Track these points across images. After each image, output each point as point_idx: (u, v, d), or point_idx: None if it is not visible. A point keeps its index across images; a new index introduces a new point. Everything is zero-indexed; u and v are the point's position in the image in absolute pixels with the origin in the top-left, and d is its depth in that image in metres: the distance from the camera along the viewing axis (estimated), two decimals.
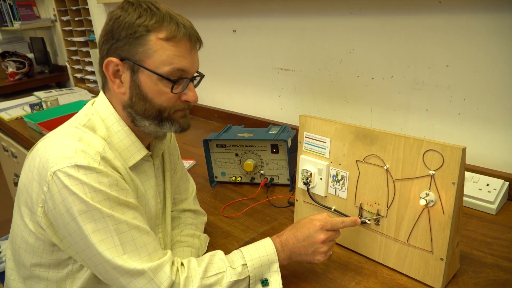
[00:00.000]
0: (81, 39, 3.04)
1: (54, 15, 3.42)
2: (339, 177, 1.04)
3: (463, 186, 0.87)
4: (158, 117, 0.86)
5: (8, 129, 2.44)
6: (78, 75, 3.31)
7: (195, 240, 1.07)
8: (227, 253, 0.90)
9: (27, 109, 2.60)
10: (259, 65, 1.88)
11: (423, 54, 1.30)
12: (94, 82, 3.16)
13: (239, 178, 1.44)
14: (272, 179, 1.41)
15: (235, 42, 1.96)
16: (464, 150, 0.82)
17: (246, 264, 0.86)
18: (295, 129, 1.39)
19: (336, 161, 1.04)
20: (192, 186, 1.20)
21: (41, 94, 2.91)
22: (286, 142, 1.33)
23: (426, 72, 1.31)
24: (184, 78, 0.85)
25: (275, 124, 1.61)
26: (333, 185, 1.06)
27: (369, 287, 0.92)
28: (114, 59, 0.82)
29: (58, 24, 3.24)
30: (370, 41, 1.42)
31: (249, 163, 1.39)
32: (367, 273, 0.97)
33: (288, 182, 1.40)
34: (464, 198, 1.16)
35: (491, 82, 1.18)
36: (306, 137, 1.09)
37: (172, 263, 0.82)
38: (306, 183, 1.09)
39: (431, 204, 0.87)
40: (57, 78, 3.78)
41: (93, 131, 0.85)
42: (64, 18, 3.15)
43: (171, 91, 0.84)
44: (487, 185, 1.18)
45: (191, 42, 0.84)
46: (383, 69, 1.42)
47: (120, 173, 0.82)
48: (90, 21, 2.87)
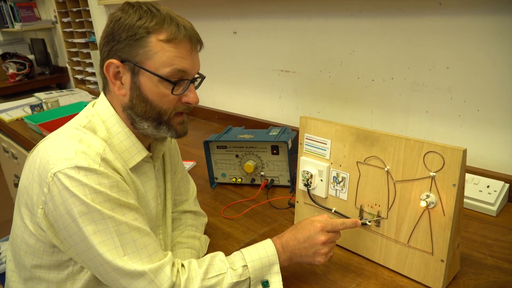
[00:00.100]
0: (82, 41, 3.04)
1: (55, 17, 3.43)
2: (340, 179, 1.04)
3: (464, 188, 0.87)
4: (157, 120, 0.86)
5: (9, 130, 2.44)
6: (79, 77, 3.32)
7: (196, 242, 1.07)
8: (228, 255, 0.89)
9: (28, 110, 2.60)
10: (260, 67, 1.88)
11: (424, 56, 1.30)
12: (95, 84, 3.16)
13: (240, 180, 1.44)
14: (273, 181, 1.41)
15: (236, 44, 1.96)
16: (465, 152, 0.82)
17: (247, 266, 0.86)
18: (296, 131, 1.39)
19: (337, 163, 1.04)
20: (193, 188, 1.20)
21: (42, 95, 2.91)
22: (287, 144, 1.33)
23: (427, 74, 1.31)
24: (185, 80, 0.85)
25: (276, 126, 1.61)
26: (334, 187, 1.06)
27: None
28: (115, 61, 0.82)
29: (59, 26, 3.25)
30: (371, 43, 1.42)
31: (250, 165, 1.39)
32: (368, 275, 0.97)
33: (289, 184, 1.40)
34: (465, 200, 1.16)
35: (492, 84, 1.19)
36: (307, 139, 1.09)
37: (173, 265, 0.82)
38: (307, 185, 1.09)
39: (432, 206, 0.87)
40: (58, 80, 3.79)
41: (94, 133, 0.85)
42: (65, 20, 3.16)
43: (172, 93, 0.84)
44: (488, 187, 1.18)
45: (192, 44, 0.84)
46: (384, 71, 1.42)
47: (121, 175, 0.82)
48: (91, 23, 2.87)
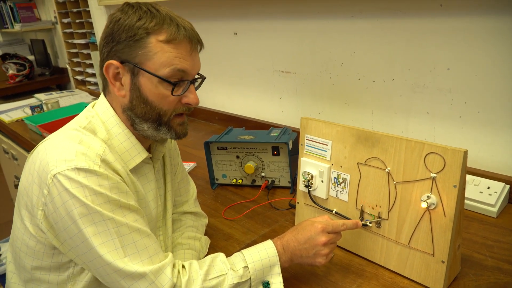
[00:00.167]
0: (82, 41, 3.04)
1: (55, 17, 3.43)
2: (340, 180, 1.04)
3: (464, 189, 0.87)
4: (157, 121, 0.86)
5: (9, 131, 2.44)
6: (79, 77, 3.32)
7: (196, 243, 1.07)
8: (228, 256, 0.89)
9: (28, 111, 2.60)
10: (260, 68, 1.88)
11: (424, 57, 1.30)
12: (95, 84, 3.16)
13: (240, 181, 1.44)
14: (273, 182, 1.41)
15: (236, 45, 1.96)
16: (466, 153, 0.82)
17: (248, 267, 0.86)
18: (296, 132, 1.39)
19: (337, 164, 1.04)
20: (193, 189, 1.20)
21: (42, 96, 2.91)
22: (287, 145, 1.33)
23: (427, 75, 1.31)
24: (185, 81, 0.85)
25: (276, 127, 1.61)
26: (334, 188, 1.06)
27: None
28: (114, 62, 0.82)
29: (59, 26, 3.25)
30: (371, 44, 1.42)
31: (250, 166, 1.39)
32: (368, 276, 0.96)
33: (289, 185, 1.40)
34: (465, 201, 1.16)
35: (492, 85, 1.19)
36: (307, 140, 1.09)
37: (174, 266, 0.82)
38: (307, 186, 1.09)
39: (433, 207, 0.87)
40: (58, 80, 3.79)
41: (94, 134, 0.84)
42: (65, 20, 3.16)
43: (172, 94, 0.84)
44: (488, 188, 1.18)
45: (192, 44, 0.84)
46: (384, 72, 1.42)
47: (121, 176, 0.82)
48: (91, 23, 2.87)
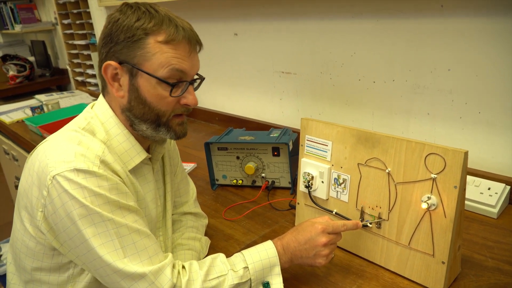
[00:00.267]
0: (82, 42, 3.05)
1: (55, 18, 3.43)
2: (341, 180, 1.04)
3: (465, 190, 0.87)
4: (156, 122, 0.86)
5: (9, 132, 2.44)
6: (79, 78, 3.32)
7: (196, 243, 1.07)
8: (228, 256, 0.89)
9: (28, 112, 2.61)
10: (260, 68, 1.88)
11: (425, 58, 1.30)
12: (95, 85, 3.17)
13: (240, 181, 1.44)
14: (273, 182, 1.41)
15: (236, 45, 1.96)
16: (466, 154, 0.82)
17: (248, 267, 0.86)
18: (297, 132, 1.39)
19: (338, 164, 1.04)
20: (192, 189, 1.20)
21: (42, 97, 2.91)
22: (288, 145, 1.33)
23: (428, 76, 1.31)
24: (184, 82, 0.85)
25: (277, 127, 1.61)
26: (335, 188, 1.06)
27: None
28: (113, 63, 0.82)
29: (59, 27, 3.25)
30: (372, 45, 1.42)
31: (250, 166, 1.39)
32: (369, 277, 0.96)
33: (289, 185, 1.40)
34: (466, 202, 1.16)
35: (493, 86, 1.18)
36: (308, 140, 1.09)
37: (174, 266, 0.82)
38: (308, 186, 1.09)
39: (433, 208, 0.87)
40: (58, 81, 3.79)
41: (93, 135, 0.84)
42: (65, 21, 3.16)
43: (170, 95, 0.83)
44: (489, 189, 1.18)
45: (191, 45, 0.84)
46: (385, 73, 1.42)
47: (120, 177, 0.82)
48: (91, 24, 2.87)
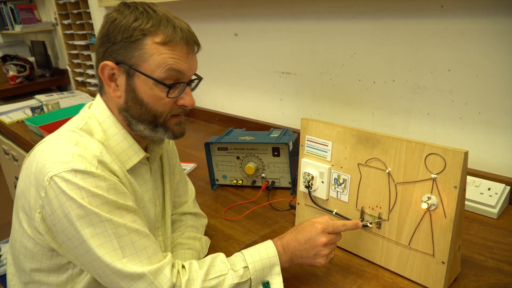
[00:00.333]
0: (82, 43, 3.05)
1: (55, 19, 3.43)
2: (341, 180, 1.04)
3: (465, 190, 0.87)
4: (153, 122, 0.86)
5: (9, 132, 2.44)
6: (79, 79, 3.32)
7: (196, 243, 1.07)
8: (228, 256, 0.89)
9: (28, 112, 2.61)
10: (261, 69, 1.88)
11: (425, 58, 1.30)
12: (95, 86, 3.17)
13: (240, 181, 1.44)
14: (274, 182, 1.41)
15: (237, 46, 1.96)
16: (466, 154, 0.82)
17: (248, 267, 0.86)
18: (297, 133, 1.39)
19: (338, 164, 1.04)
20: (191, 189, 1.20)
21: (42, 98, 2.91)
22: (288, 145, 1.33)
23: (428, 76, 1.31)
24: (181, 83, 0.84)
25: (277, 128, 1.61)
26: (335, 188, 1.05)
27: None
28: (110, 63, 0.82)
29: (59, 28, 3.25)
30: (372, 45, 1.42)
31: (251, 166, 1.39)
32: (369, 277, 0.96)
33: (290, 185, 1.40)
34: (466, 202, 1.16)
35: (493, 86, 1.18)
36: (308, 140, 1.09)
37: (173, 266, 0.82)
38: (308, 186, 1.09)
39: (433, 208, 0.87)
40: (58, 82, 3.79)
41: (90, 135, 0.84)
42: (65, 22, 3.16)
43: (167, 96, 0.83)
44: (489, 189, 1.18)
45: (188, 46, 0.83)
46: (385, 73, 1.42)
47: (118, 177, 0.82)
48: (91, 25, 2.87)
